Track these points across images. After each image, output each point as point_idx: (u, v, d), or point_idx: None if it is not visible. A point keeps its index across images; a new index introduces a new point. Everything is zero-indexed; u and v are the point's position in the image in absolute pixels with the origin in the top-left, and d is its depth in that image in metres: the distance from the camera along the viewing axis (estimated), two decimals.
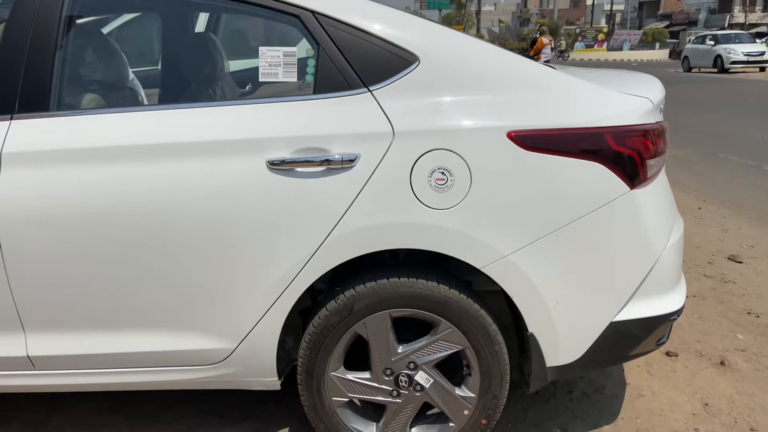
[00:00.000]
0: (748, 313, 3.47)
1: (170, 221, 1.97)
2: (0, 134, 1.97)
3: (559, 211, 1.97)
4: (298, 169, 1.95)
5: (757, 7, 66.80)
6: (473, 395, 2.15)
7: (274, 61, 2.06)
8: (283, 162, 1.94)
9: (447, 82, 2.01)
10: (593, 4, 62.96)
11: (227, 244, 1.98)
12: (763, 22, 59.98)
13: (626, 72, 2.68)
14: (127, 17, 2.96)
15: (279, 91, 2.16)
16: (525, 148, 1.94)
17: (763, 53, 25.86)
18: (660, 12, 72.53)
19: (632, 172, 1.99)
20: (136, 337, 2.09)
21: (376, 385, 2.15)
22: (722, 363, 2.93)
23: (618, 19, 68.52)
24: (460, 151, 1.94)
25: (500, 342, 2.11)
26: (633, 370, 2.86)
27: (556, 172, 1.96)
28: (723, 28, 47.94)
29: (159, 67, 2.66)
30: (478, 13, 68.91)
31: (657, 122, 2.08)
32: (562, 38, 42.56)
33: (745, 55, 25.56)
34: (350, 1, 2.09)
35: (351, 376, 2.15)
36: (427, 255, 2.14)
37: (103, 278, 2.01)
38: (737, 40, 27.18)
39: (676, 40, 49.82)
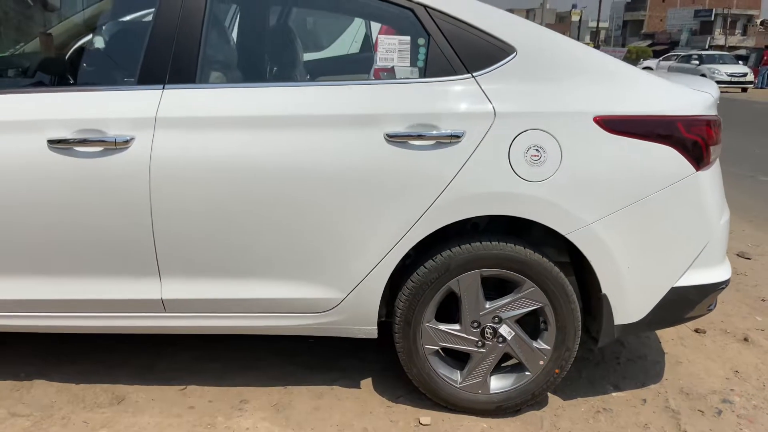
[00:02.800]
0: (762, 300, 3.82)
1: (298, 183, 2.24)
2: (154, 101, 2.24)
3: (634, 187, 2.28)
4: (412, 142, 2.24)
5: (737, 31, 68.35)
6: (549, 348, 2.44)
7: (390, 48, 2.35)
8: (399, 135, 2.23)
9: (540, 71, 2.32)
10: (579, 20, 64.00)
11: (347, 205, 2.26)
12: (743, 45, 61.37)
13: (682, 74, 3.01)
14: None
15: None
16: (608, 131, 2.26)
17: (745, 74, 26.66)
18: (643, 31, 73.84)
19: (698, 156, 2.30)
20: (259, 285, 2.36)
21: (464, 335, 2.44)
22: (746, 339, 3.26)
23: (603, 36, 69.72)
24: (552, 132, 2.24)
25: (575, 301, 2.40)
26: (668, 342, 3.19)
27: (634, 152, 2.27)
28: (704, 49, 48.95)
29: (288, 48, 2.93)
30: None
31: (716, 115, 2.41)
32: None
33: (728, 75, 26.31)
34: None
35: (443, 327, 2.44)
36: (505, 225, 2.46)
37: (235, 230, 2.28)
38: (721, 61, 27.99)
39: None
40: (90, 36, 2.88)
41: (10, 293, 2.36)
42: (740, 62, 29.35)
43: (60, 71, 2.69)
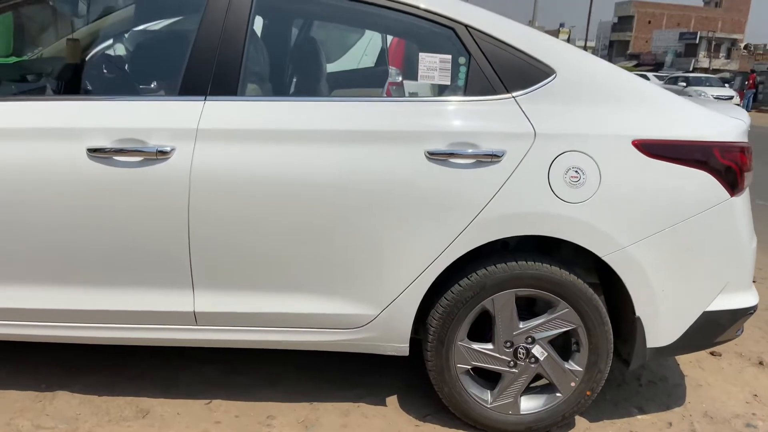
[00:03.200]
0: None
1: (338, 198, 2.23)
2: (196, 112, 2.22)
3: (671, 211, 2.29)
4: (452, 160, 2.24)
5: (721, 54, 69.49)
6: (580, 369, 2.44)
7: (432, 66, 2.36)
8: (440, 153, 2.23)
9: (580, 93, 2.33)
10: (568, 39, 64.74)
11: (386, 221, 2.25)
12: (726, 68, 62.38)
13: (714, 101, 3.04)
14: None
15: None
16: (646, 155, 2.27)
17: (731, 97, 27.04)
18: (629, 51, 74.86)
19: (733, 182, 2.32)
20: (294, 299, 2.34)
21: (497, 355, 2.43)
22: (761, 363, 3.29)
23: None
24: (591, 154, 2.25)
25: (608, 323, 2.41)
26: (686, 365, 3.20)
27: (671, 177, 2.29)
28: (688, 71, 49.71)
29: (329, 65, 2.94)
30: None
31: (748, 142, 2.43)
32: None
33: (714, 98, 26.67)
34: (498, 18, 2.40)
35: (476, 346, 2.43)
36: (534, 244, 2.46)
37: (273, 244, 2.27)
38: (708, 83, 28.42)
39: None
40: (120, 44, 2.87)
41: (40, 302, 2.32)
42: (726, 85, 29.80)
43: (88, 79, 2.67)
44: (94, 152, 2.18)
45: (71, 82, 2.64)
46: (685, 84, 28.39)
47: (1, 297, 2.32)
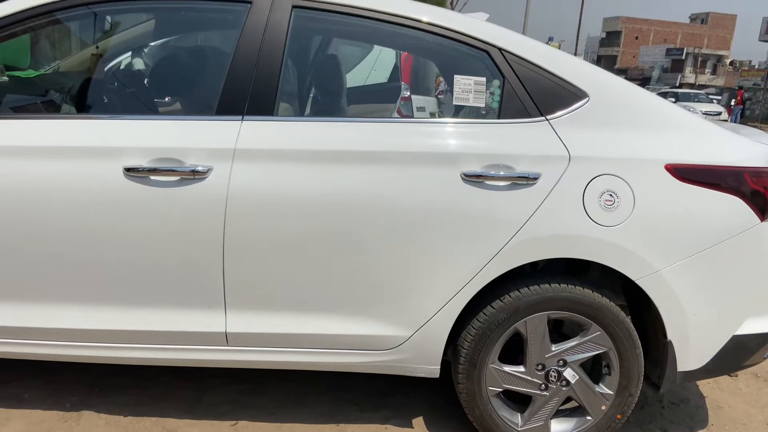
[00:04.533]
0: None
1: (375, 219, 2.22)
2: (233, 132, 2.21)
3: (703, 235, 2.30)
4: (488, 182, 2.24)
5: (707, 70, 70.33)
6: (611, 392, 2.44)
7: (467, 88, 2.36)
8: (476, 175, 2.23)
9: (612, 117, 2.34)
10: None
11: (422, 242, 2.25)
12: (712, 84, 63.13)
13: (738, 125, 3.07)
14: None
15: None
16: (679, 179, 2.28)
17: (719, 113, 27.34)
18: (617, 66, 75.52)
19: (763, 207, 2.34)
20: (327, 320, 2.32)
21: (528, 378, 2.42)
22: None
23: None
24: (625, 177, 2.26)
25: (639, 346, 2.41)
26: (705, 386, 3.21)
27: (703, 201, 2.30)
28: (674, 87, 50.19)
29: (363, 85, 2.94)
30: None
31: None
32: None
33: (703, 114, 26.90)
34: (532, 42, 2.42)
35: (507, 368, 2.42)
36: (562, 266, 2.46)
37: (306, 265, 2.25)
38: (696, 99, 28.70)
39: None
40: (153, 62, 2.85)
41: (72, 323, 2.29)
42: (714, 101, 30.11)
43: (120, 97, 2.65)
44: (129, 171, 2.17)
45: (102, 99, 2.62)
46: (674, 100, 28.57)
47: (32, 317, 2.29)
